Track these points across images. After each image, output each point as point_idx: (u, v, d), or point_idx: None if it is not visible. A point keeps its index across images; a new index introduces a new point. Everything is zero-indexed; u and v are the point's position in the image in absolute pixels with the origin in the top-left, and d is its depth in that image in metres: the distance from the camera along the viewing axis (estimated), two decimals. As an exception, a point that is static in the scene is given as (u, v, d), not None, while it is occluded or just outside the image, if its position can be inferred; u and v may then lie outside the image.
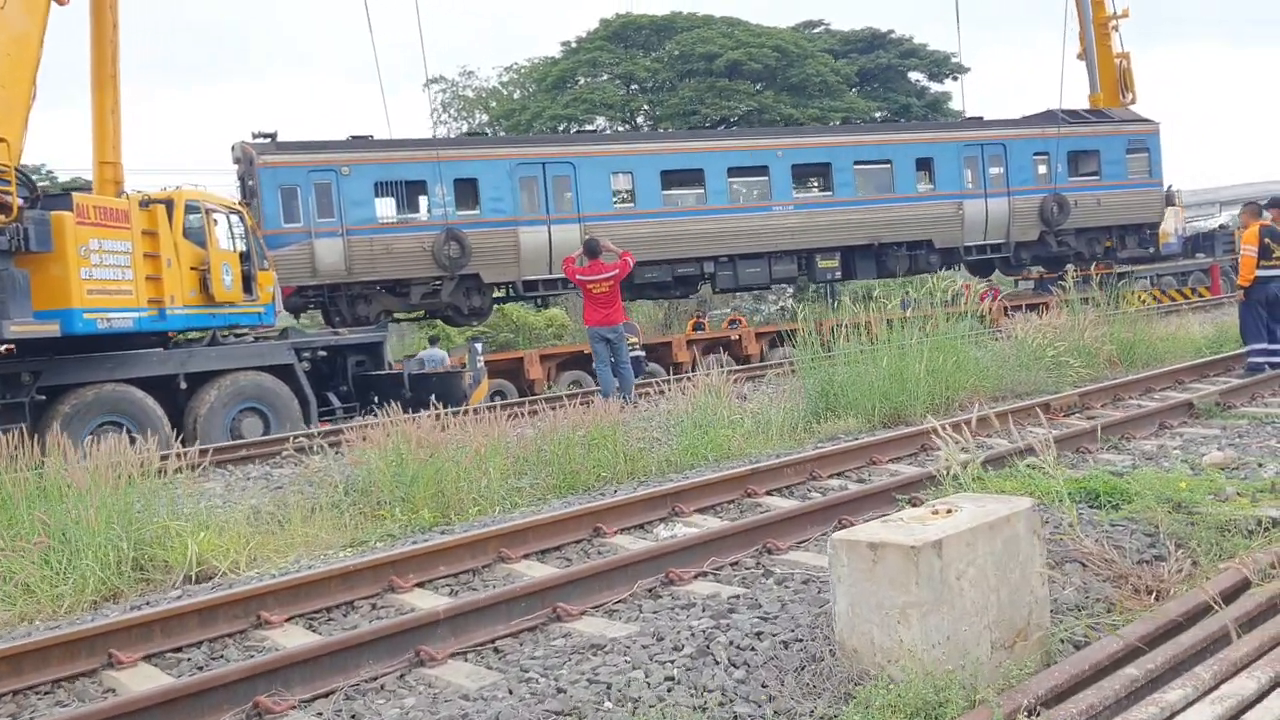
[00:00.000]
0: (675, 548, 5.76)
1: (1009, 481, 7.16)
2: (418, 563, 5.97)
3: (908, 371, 11.70)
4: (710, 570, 5.68)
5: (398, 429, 8.66)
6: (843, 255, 25.96)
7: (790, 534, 6.21)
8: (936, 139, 26.94)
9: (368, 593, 5.71)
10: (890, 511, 6.88)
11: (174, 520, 7.00)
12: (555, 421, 9.41)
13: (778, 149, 25.33)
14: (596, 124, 45.66)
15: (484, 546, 6.26)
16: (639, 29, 46.00)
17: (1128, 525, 6.30)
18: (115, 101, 16.64)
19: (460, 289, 22.86)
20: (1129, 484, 6.99)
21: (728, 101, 44.39)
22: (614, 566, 5.48)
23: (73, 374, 14.23)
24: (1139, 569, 5.69)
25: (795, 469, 8.19)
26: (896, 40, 49.70)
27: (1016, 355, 13.37)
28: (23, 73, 13.92)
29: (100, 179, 16.59)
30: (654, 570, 5.54)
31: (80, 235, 13.66)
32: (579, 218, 23.37)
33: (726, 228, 24.64)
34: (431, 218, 22.52)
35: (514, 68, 49.06)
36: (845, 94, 46.84)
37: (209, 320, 16.29)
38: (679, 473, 9.08)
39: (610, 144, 26.69)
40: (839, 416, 11.40)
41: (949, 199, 26.43)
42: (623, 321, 14.23)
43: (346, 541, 7.30)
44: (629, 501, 7.11)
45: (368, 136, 23.16)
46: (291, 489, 9.28)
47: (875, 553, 4.12)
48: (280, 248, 21.35)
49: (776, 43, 44.78)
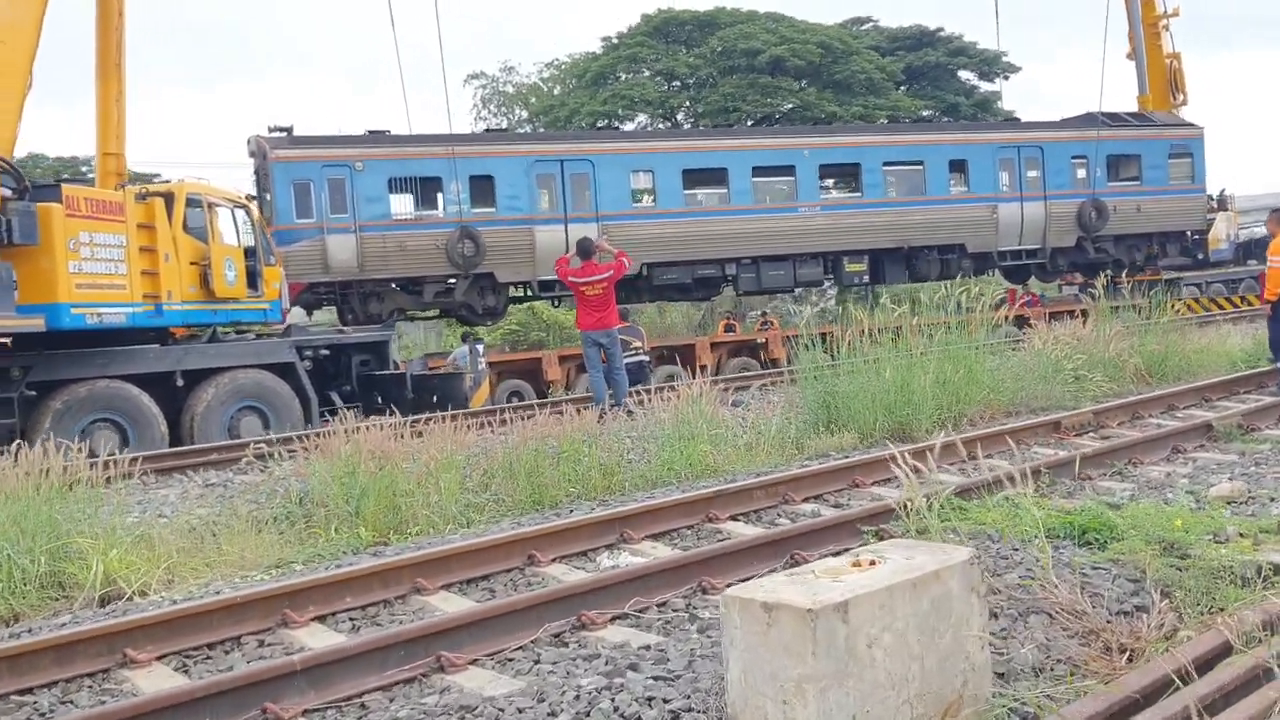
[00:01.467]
0: (593, 586, 5.21)
1: (990, 513, 6.56)
2: (322, 593, 5.47)
3: (914, 383, 11.05)
4: (632, 612, 5.13)
5: (353, 437, 8.18)
6: (871, 258, 25.22)
7: (731, 570, 5.64)
8: (971, 140, 26.11)
9: (257, 627, 5.22)
10: (854, 545, 6.32)
11: (82, 536, 6.54)
12: (525, 432, 8.88)
13: (805, 148, 24.64)
14: (637, 121, 45.15)
15: (398, 576, 5.75)
16: (681, 24, 45.41)
17: (1111, 569, 5.67)
18: (120, 91, 16.39)
19: (474, 288, 22.42)
20: (1121, 519, 6.36)
21: (769, 99, 43.71)
22: (519, 607, 4.94)
23: (64, 369, 13.91)
24: (1115, 622, 5.08)
25: (767, 491, 7.61)
26: (946, 38, 48.75)
27: (1036, 367, 12.65)
28: (16, 62, 13.65)
29: (103, 170, 16.36)
30: (566, 612, 5.00)
31: (70, 228, 13.33)
32: (597, 217, 22.84)
33: (750, 229, 24.00)
34: (446, 215, 22.07)
35: (554, 64, 48.71)
36: (891, 92, 45.95)
37: (209, 316, 15.94)
38: (649, 491, 8.53)
39: (630, 141, 26.13)
40: (839, 430, 10.80)
41: (983, 202, 25.59)
42: (617, 325, 13.66)
43: (272, 561, 6.83)
44: (571, 526, 6.57)
45: (384, 132, 22.79)
46: (245, 498, 8.84)
47: (770, 614, 3.56)
48: (292, 243, 21.06)
49: (821, 39, 44.00)
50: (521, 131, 40.12)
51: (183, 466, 10.55)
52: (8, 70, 13.53)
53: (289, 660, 4.30)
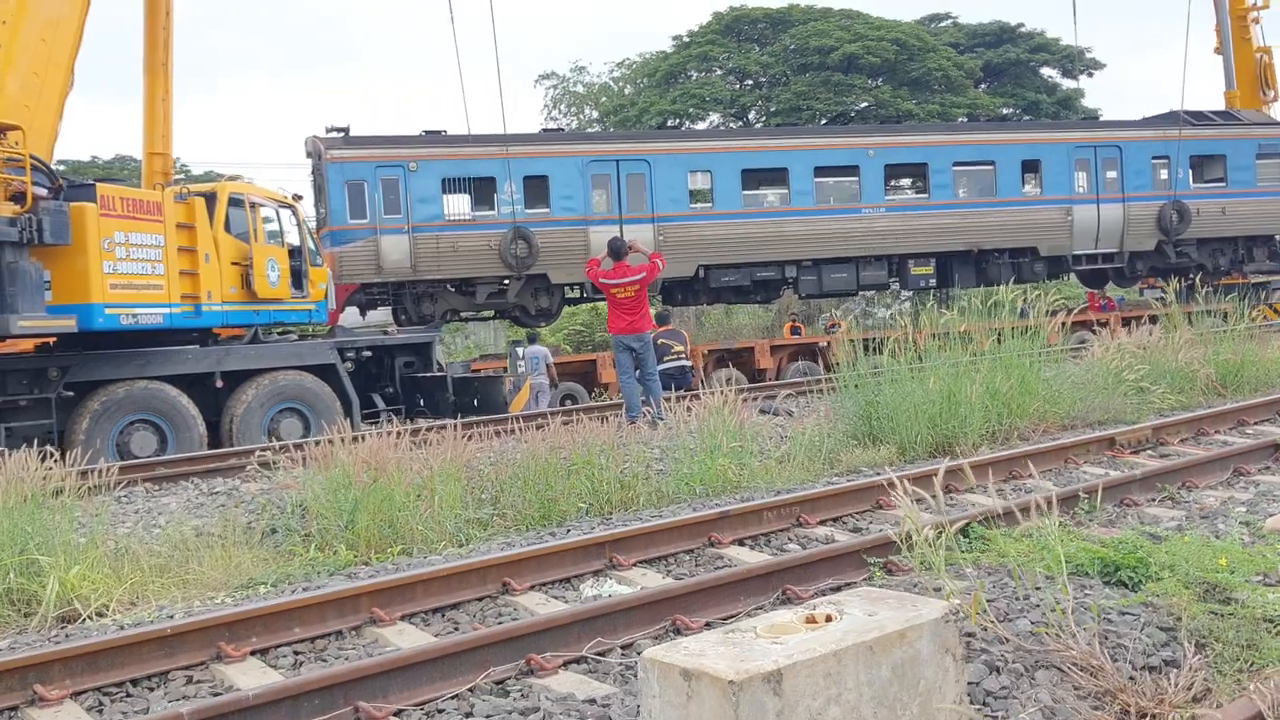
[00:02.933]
0: (547, 624, 4.71)
1: (1016, 544, 5.94)
2: (265, 624, 5.06)
3: (961, 394, 10.39)
4: (591, 655, 4.63)
5: (349, 446, 7.80)
6: (939, 261, 24.41)
7: (710, 607, 5.11)
8: (1045, 139, 25.11)
9: (189, 661, 4.82)
10: (857, 579, 5.76)
11: (45, 551, 6.22)
12: (535, 443, 8.43)
13: (869, 148, 23.89)
14: (709, 120, 44.57)
15: (355, 604, 5.32)
16: (753, 22, 44.74)
17: (1141, 614, 5.03)
18: (166, 91, 16.33)
19: (528, 289, 22.08)
20: (1162, 554, 5.70)
21: (843, 97, 42.86)
22: (462, 648, 4.46)
23: (102, 370, 13.82)
24: (1139, 680, 4.46)
25: (779, 512, 7.05)
26: (1026, 34, 47.42)
27: (1095, 378, 11.88)
28: (57, 60, 13.57)
29: (149, 170, 16.31)
30: (515, 653, 4.52)
31: (104, 227, 13.21)
32: (653, 218, 22.37)
33: (811, 230, 23.33)
34: (499, 215, 21.75)
35: (625, 63, 48.33)
36: (969, 90, 44.80)
37: (251, 317, 15.78)
38: (660, 509, 8.02)
39: (688, 141, 25.60)
40: (879, 444, 10.19)
41: (1057, 204, 24.60)
42: (650, 330, 13.13)
43: (242, 581, 6.45)
44: (553, 550, 6.07)
45: (440, 131, 22.55)
46: (245, 508, 8.51)
47: (689, 684, 3.05)
48: (346, 244, 20.95)
49: (897, 36, 43.03)
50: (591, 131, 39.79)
51: (188, 474, 10.25)
52: (48, 68, 13.44)
53: (174, 712, 3.86)
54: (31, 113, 13.08)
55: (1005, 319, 11.52)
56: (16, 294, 12.18)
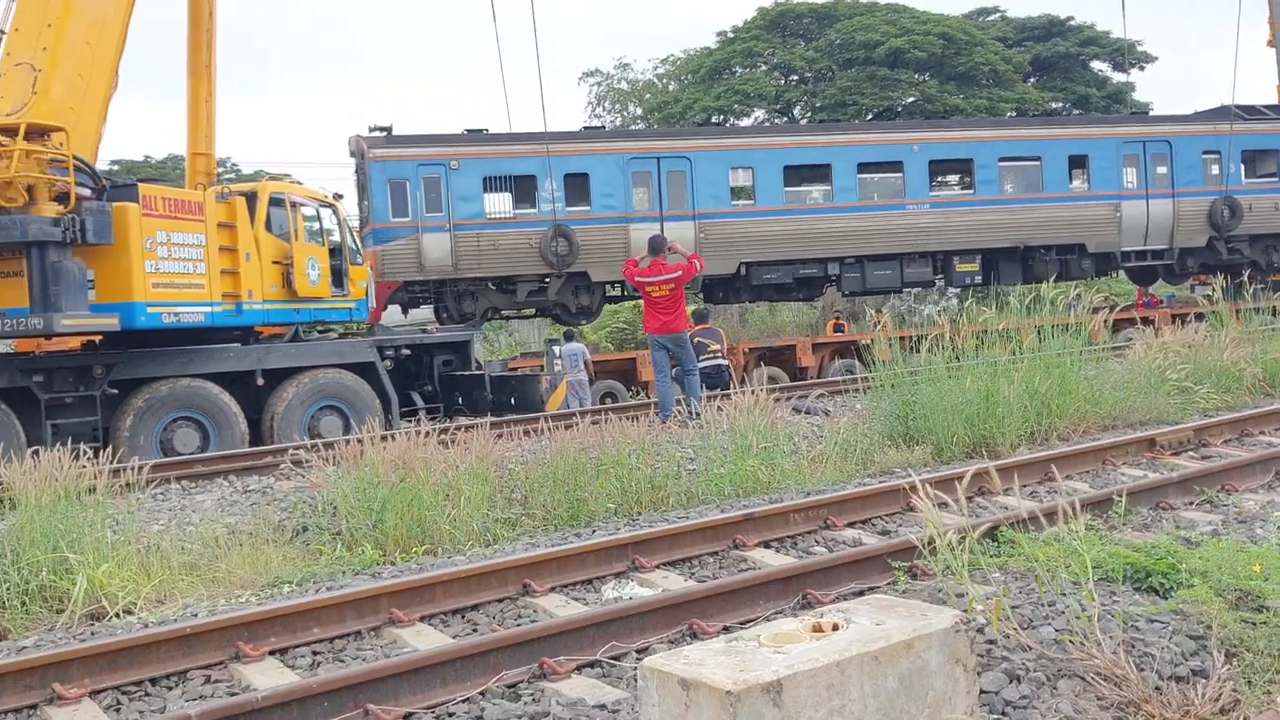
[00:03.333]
0: (560, 628, 4.68)
1: (1044, 549, 5.83)
2: (285, 624, 5.07)
3: (998, 394, 10.24)
4: (605, 660, 4.60)
5: (378, 446, 7.83)
6: (984, 258, 24.12)
7: (729, 611, 5.06)
8: (1092, 134, 24.72)
9: (208, 660, 4.85)
10: (881, 584, 5.68)
11: (74, 549, 6.28)
12: (565, 442, 8.41)
13: (914, 143, 23.65)
14: (753, 116, 44.39)
15: (374, 605, 5.32)
16: (798, 17, 44.47)
17: (1170, 622, 4.91)
18: (210, 92, 16.45)
19: (568, 287, 22.09)
20: (1194, 559, 5.57)
21: (889, 92, 42.49)
22: (474, 651, 4.44)
23: (146, 368, 13.98)
24: (1165, 690, 4.34)
25: (806, 514, 6.98)
26: (1076, 28, 46.75)
27: (1137, 377, 11.67)
28: (102, 62, 13.75)
29: (192, 170, 16.44)
30: (528, 657, 4.50)
31: (146, 227, 13.37)
32: (694, 215, 22.30)
33: (855, 227, 23.14)
34: (540, 213, 21.76)
35: (670, 59, 48.22)
36: (1017, 84, 44.25)
37: (291, 316, 15.90)
38: (687, 509, 7.98)
39: (729, 138, 25.48)
40: (915, 444, 10.07)
41: (1105, 200, 24.22)
42: (685, 330, 13.07)
43: (268, 580, 6.49)
44: (574, 552, 6.05)
45: (482, 130, 22.61)
46: (278, 507, 8.56)
47: (688, 694, 3.01)
48: (388, 242, 21.08)
49: (943, 30, 42.59)
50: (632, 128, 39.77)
51: (224, 471, 10.34)
52: (93, 70, 13.62)
53: (183, 713, 3.87)
54: (76, 114, 13.26)
55: (1047, 316, 11.36)
56: (60, 293, 12.35)
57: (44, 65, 13.06)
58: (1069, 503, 5.23)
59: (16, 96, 13.00)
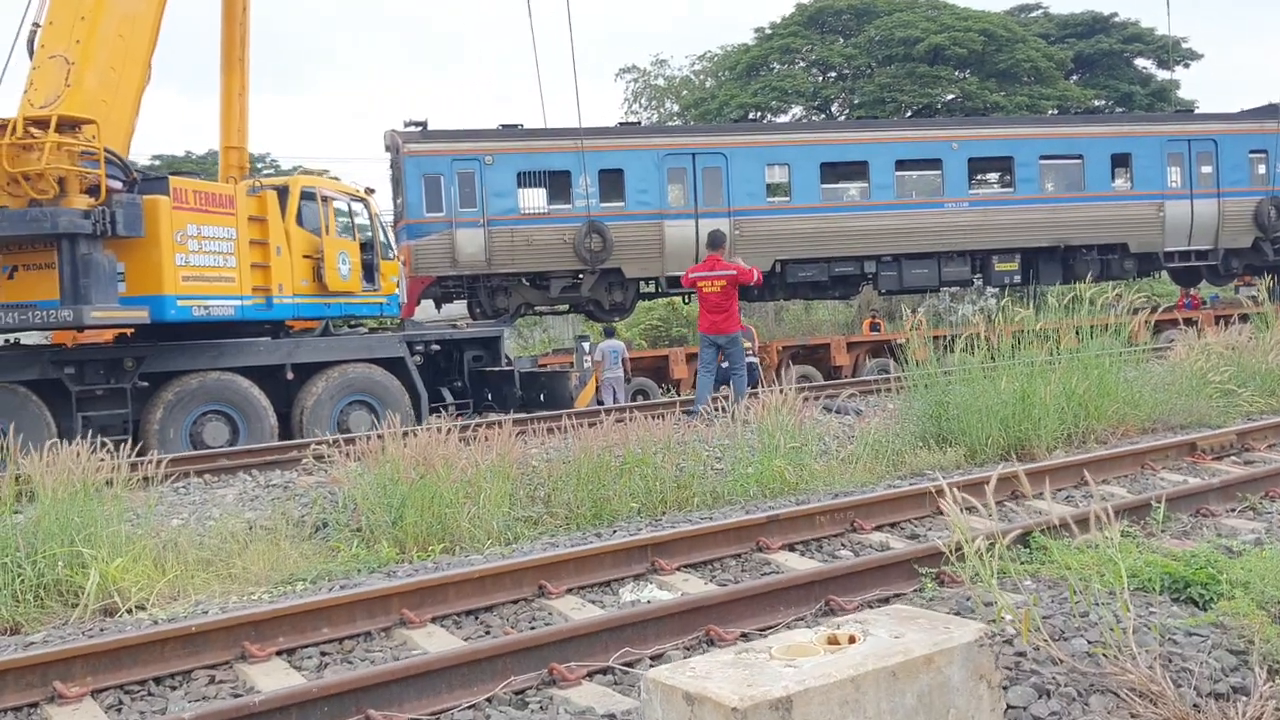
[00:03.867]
0: (571, 633, 4.53)
1: (1078, 556, 5.62)
2: (293, 624, 4.96)
3: (1035, 395, 10.00)
4: (617, 666, 4.45)
5: (396, 442, 7.71)
6: (1023, 257, 23.78)
7: (747, 618, 4.89)
8: (1136, 132, 24.29)
9: (214, 660, 4.74)
10: (907, 590, 5.49)
11: (89, 543, 6.21)
12: (589, 439, 8.27)
13: (953, 140, 23.32)
14: (791, 113, 44.09)
15: (385, 605, 5.20)
16: (837, 13, 44.09)
17: (1210, 635, 4.70)
18: (243, 86, 16.43)
19: (601, 283, 21.96)
20: (1237, 569, 5.35)
21: (928, 89, 42.04)
22: (481, 655, 4.29)
23: (176, 361, 13.98)
24: (1203, 708, 4.14)
25: (832, 516, 6.79)
26: (1120, 24, 46.07)
27: (1180, 379, 11.38)
28: (134, 55, 13.75)
29: (225, 164, 16.44)
30: (537, 662, 4.35)
31: (177, 220, 13.35)
32: (729, 211, 22.10)
33: (892, 225, 22.86)
34: (574, 209, 21.64)
35: (707, 55, 47.98)
36: (1059, 81, 43.64)
37: (322, 310, 15.87)
38: (712, 510, 7.82)
39: (765, 134, 25.24)
40: (948, 446, 9.85)
41: (1148, 199, 23.80)
42: (737, 331, 13.02)
43: (283, 576, 6.38)
44: (592, 553, 5.89)
45: (516, 125, 22.51)
46: (299, 502, 8.48)
47: (692, 709, 2.85)
48: (422, 237, 21.04)
49: (984, 26, 42.08)
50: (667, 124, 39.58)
51: (247, 466, 10.27)
52: (126, 63, 13.62)
53: (175, 716, 3.76)
54: (109, 107, 13.27)
55: (1085, 317, 11.09)
56: (90, 285, 12.34)
57: (77, 58, 13.08)
58: (1102, 508, 5.02)
59: (50, 89, 13.02)
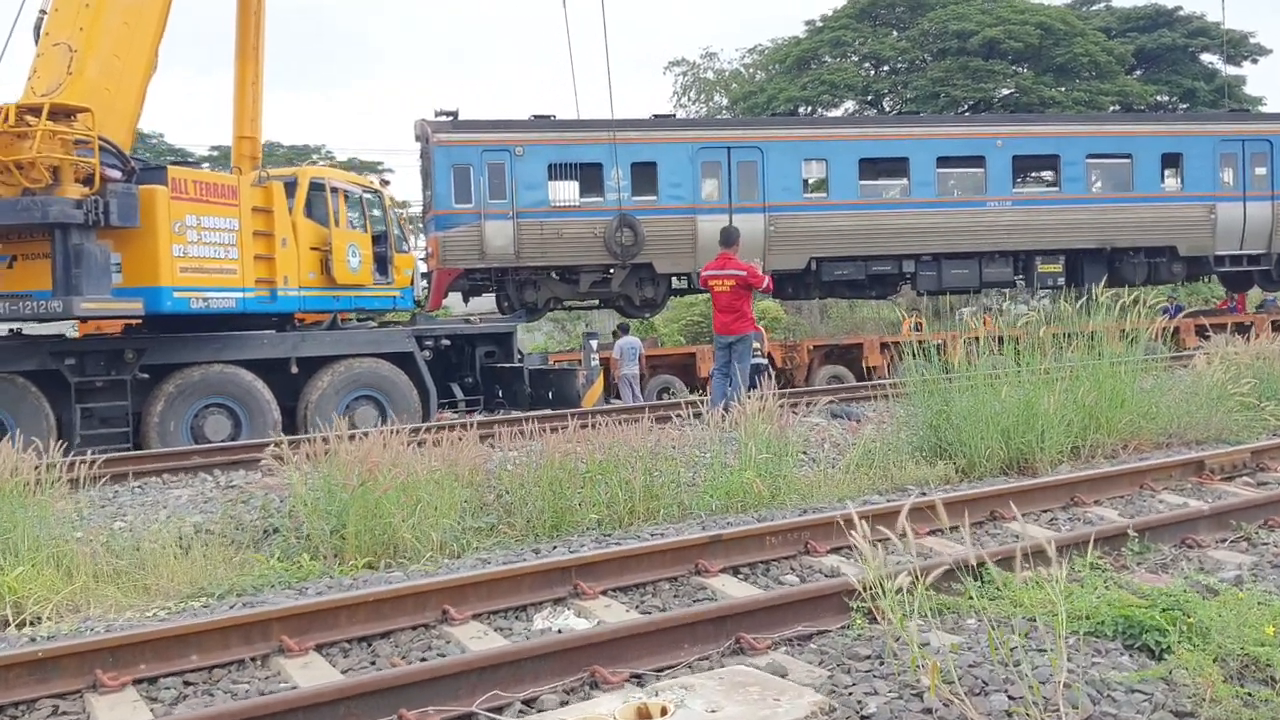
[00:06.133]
0: (431, 674, 4.09)
1: (1031, 592, 5.08)
2: (157, 649, 4.58)
3: (1039, 405, 9.42)
4: (483, 712, 4.01)
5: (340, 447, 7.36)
6: (1068, 259, 22.96)
7: (644, 656, 4.42)
8: (1187, 132, 23.37)
9: (63, 689, 4.36)
10: (833, 626, 5.00)
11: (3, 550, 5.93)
12: (552, 445, 7.87)
13: (997, 138, 22.58)
14: (843, 107, 43.37)
15: (264, 630, 4.82)
16: (890, 5, 43.26)
17: (1154, 694, 4.16)
18: (257, 75, 16.25)
19: (632, 278, 21.54)
20: (1208, 612, 4.80)
21: (982, 83, 41.06)
22: (320, 700, 3.88)
23: (178, 353, 13.80)
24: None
25: (785, 537, 6.31)
26: (1184, 18, 44.69)
27: (1202, 390, 10.71)
28: (139, 44, 13.56)
29: (238, 154, 16.26)
30: (387, 707, 3.93)
31: (174, 210, 13.15)
32: (764, 207, 21.57)
33: (932, 223, 22.18)
34: (605, 202, 21.23)
35: (757, 49, 47.35)
36: (1119, 76, 42.41)
37: (329, 303, 15.63)
38: (677, 523, 7.38)
39: (803, 128, 24.64)
40: (944, 458, 9.31)
41: (1199, 200, 22.89)
42: (749, 332, 12.65)
43: (193, 590, 6.04)
44: (505, 575, 5.45)
45: (549, 116, 22.14)
46: (251, 506, 8.18)
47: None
48: (450, 228, 20.78)
49: (1041, 19, 41.01)
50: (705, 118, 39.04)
51: (208, 465, 9.99)
52: (130, 51, 13.44)
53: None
54: (111, 95, 13.09)
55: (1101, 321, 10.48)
56: (82, 276, 12.16)
57: (80, 45, 12.92)
58: (1028, 545, 4.51)
59: (52, 77, 12.88)
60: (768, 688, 2.91)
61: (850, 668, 4.40)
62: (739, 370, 12.31)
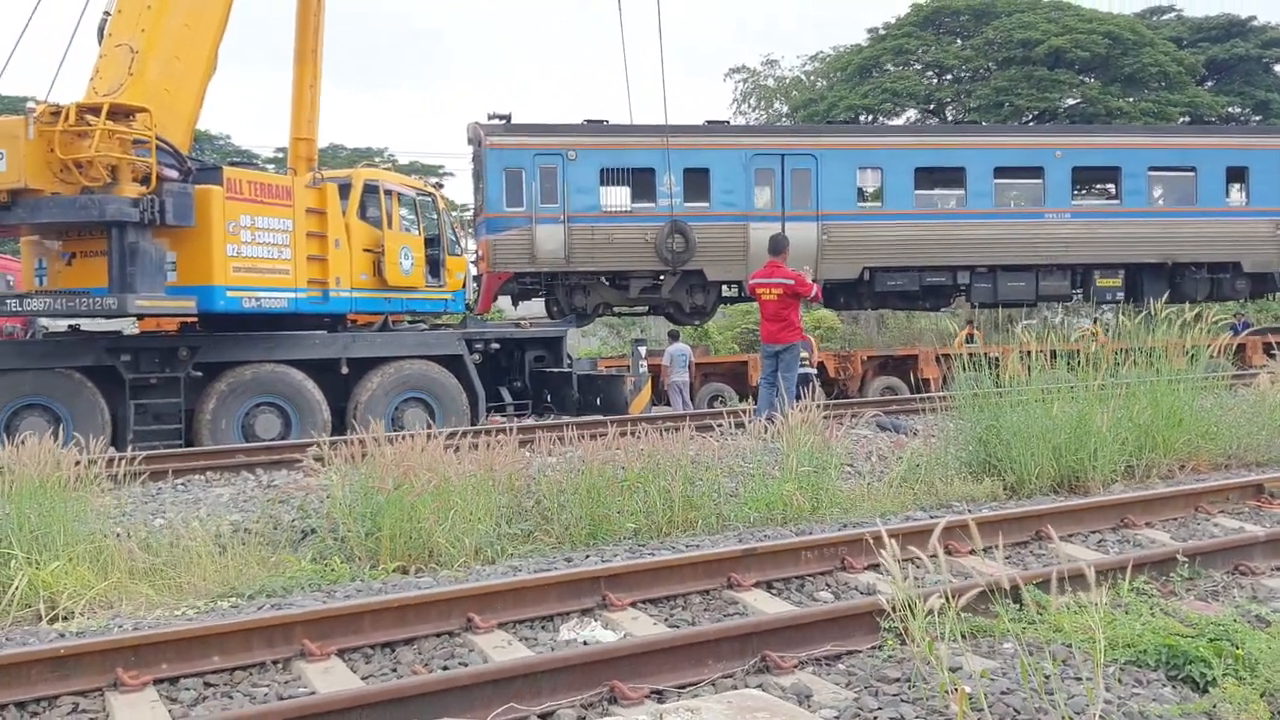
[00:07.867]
0: (448, 684, 4.02)
1: (1072, 617, 4.92)
2: (178, 650, 4.59)
3: (1092, 423, 9.20)
4: (491, 726, 3.95)
5: (378, 449, 7.35)
6: (1128, 273, 22.49)
7: (666, 673, 4.34)
8: (1254, 145, 22.80)
9: (85, 686, 4.37)
10: (861, 647, 4.87)
11: (40, 546, 5.97)
12: (591, 451, 7.81)
13: (1056, 148, 22.17)
14: (905, 115, 42.98)
15: (286, 634, 4.80)
16: (954, 13, 42.73)
17: (1197, 726, 4.01)
18: (315, 77, 16.36)
19: (683, 285, 21.43)
20: (1258, 643, 4.62)
21: (1047, 93, 40.43)
22: (329, 709, 3.84)
23: (230, 352, 13.95)
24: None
25: (820, 552, 6.20)
26: (1259, 28, 43.71)
27: (1266, 411, 10.41)
28: (199, 45, 13.74)
29: (294, 155, 16.39)
30: (398, 718, 3.88)
31: (229, 210, 13.29)
32: (818, 216, 21.36)
33: (988, 234, 21.82)
34: (657, 208, 21.13)
35: (818, 56, 47.01)
36: (1189, 87, 41.55)
37: (382, 305, 15.73)
38: (713, 534, 7.28)
39: (858, 136, 24.40)
40: (993, 474, 9.12)
41: (1266, 215, 22.32)
42: (796, 341, 12.51)
43: (224, 590, 6.05)
44: (532, 584, 5.40)
45: (602, 121, 22.11)
46: (290, 507, 8.20)
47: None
48: (501, 231, 20.78)
49: (1109, 29, 40.29)
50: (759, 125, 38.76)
51: (251, 464, 10.05)
52: (190, 53, 13.61)
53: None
54: (171, 96, 13.27)
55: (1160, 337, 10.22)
56: (136, 274, 12.34)
57: (141, 47, 13.10)
58: (1067, 568, 4.37)
59: (114, 77, 13.07)
60: (776, 714, 2.81)
61: (878, 690, 4.29)
62: (784, 380, 12.19)
